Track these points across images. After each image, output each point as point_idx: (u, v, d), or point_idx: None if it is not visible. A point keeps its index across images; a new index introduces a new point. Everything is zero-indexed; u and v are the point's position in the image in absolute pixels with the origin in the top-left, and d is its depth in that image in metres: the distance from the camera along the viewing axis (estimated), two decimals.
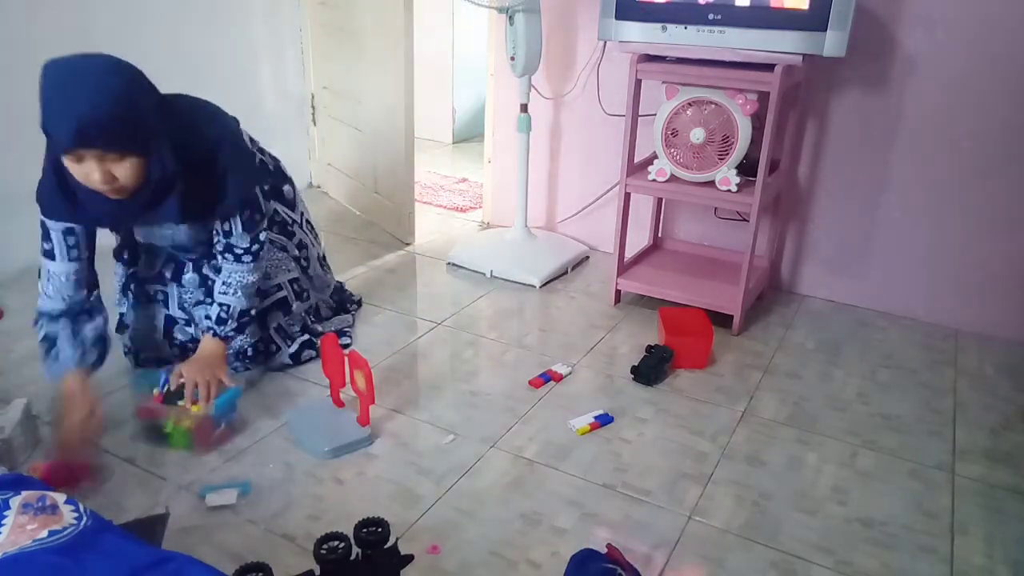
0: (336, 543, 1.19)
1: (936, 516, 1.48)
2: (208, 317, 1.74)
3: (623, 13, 2.07)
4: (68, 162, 1.39)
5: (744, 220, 2.25)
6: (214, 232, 1.70)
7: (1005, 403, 1.89)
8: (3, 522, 1.01)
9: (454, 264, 2.60)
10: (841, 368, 2.03)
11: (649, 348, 1.98)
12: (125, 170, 1.40)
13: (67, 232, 1.58)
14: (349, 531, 1.21)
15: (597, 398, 1.84)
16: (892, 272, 2.34)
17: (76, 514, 1.07)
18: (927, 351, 2.15)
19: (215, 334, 1.72)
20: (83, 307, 1.63)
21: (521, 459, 1.60)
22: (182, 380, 1.61)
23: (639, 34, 2.07)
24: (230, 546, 1.32)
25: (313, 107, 3.25)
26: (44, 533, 1.00)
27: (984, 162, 2.12)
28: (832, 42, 1.86)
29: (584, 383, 1.91)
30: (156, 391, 1.61)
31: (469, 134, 4.52)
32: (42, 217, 1.57)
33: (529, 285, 2.47)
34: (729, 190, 2.08)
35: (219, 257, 1.72)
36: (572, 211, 2.79)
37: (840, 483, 1.56)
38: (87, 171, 1.38)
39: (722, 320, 2.20)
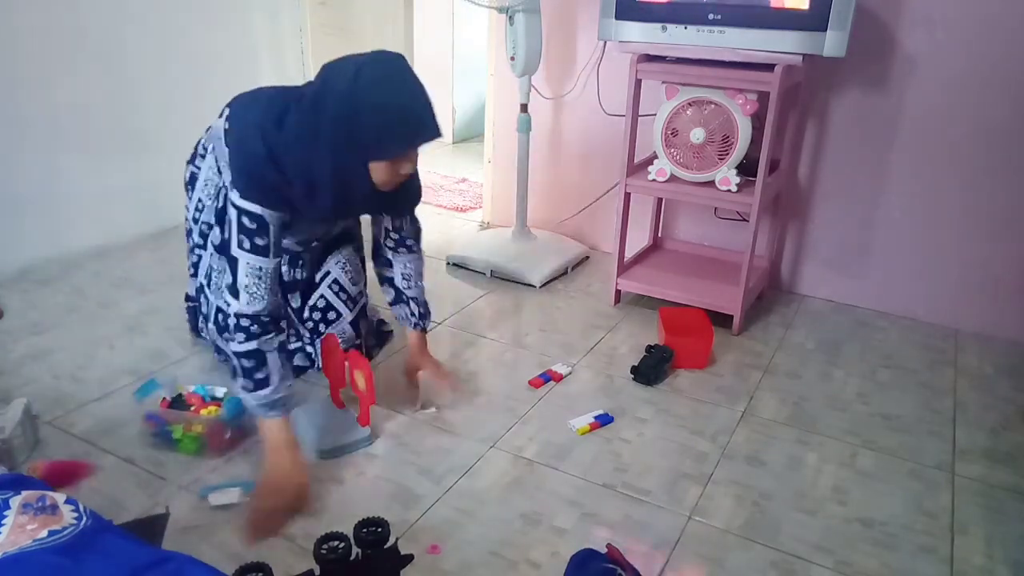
0: (336, 543, 1.19)
1: (936, 516, 1.48)
2: (412, 314, 1.78)
3: (623, 13, 2.07)
4: (387, 163, 1.38)
5: (744, 220, 2.25)
6: (383, 229, 1.72)
7: (1005, 403, 1.89)
8: (3, 522, 1.01)
9: (454, 264, 2.60)
10: (841, 368, 2.03)
11: (649, 348, 1.98)
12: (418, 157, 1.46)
13: (280, 227, 1.47)
14: (349, 531, 1.21)
15: (597, 398, 1.84)
16: (892, 272, 2.34)
17: (76, 514, 1.06)
18: (927, 351, 2.15)
19: (423, 329, 1.79)
20: (280, 327, 1.50)
21: (521, 459, 1.60)
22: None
23: (639, 34, 2.07)
24: (230, 546, 1.32)
25: None
26: (44, 533, 1.00)
27: (984, 162, 2.12)
28: (832, 42, 1.86)
29: (584, 383, 1.91)
30: (163, 397, 1.60)
31: (469, 134, 4.52)
32: (260, 210, 1.42)
33: (529, 285, 2.47)
34: (729, 190, 2.08)
35: (389, 253, 1.75)
36: (572, 211, 2.79)
37: (840, 483, 1.56)
38: (400, 167, 1.40)
39: (722, 320, 2.20)
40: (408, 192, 1.63)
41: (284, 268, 1.80)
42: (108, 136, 2.53)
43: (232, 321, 1.43)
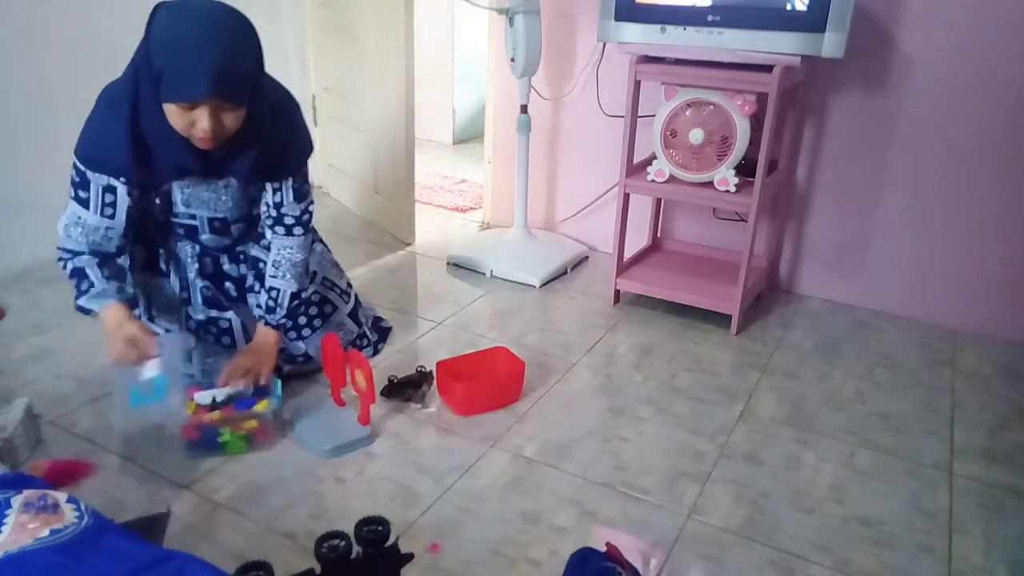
0: (337, 541, 1.19)
1: (934, 515, 1.48)
2: (259, 306, 1.73)
3: (622, 14, 2.08)
4: (175, 109, 1.36)
5: (743, 220, 2.25)
6: (264, 204, 1.67)
7: (1003, 403, 1.90)
8: (5, 521, 1.02)
9: (454, 264, 2.60)
10: (839, 368, 2.04)
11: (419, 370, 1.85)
12: (231, 121, 1.41)
13: (106, 189, 1.53)
14: (350, 530, 1.22)
15: (597, 397, 1.85)
16: (890, 272, 2.34)
17: (77, 513, 1.07)
18: (925, 351, 2.15)
19: (267, 323, 1.71)
20: (109, 255, 1.60)
21: (521, 458, 1.60)
22: (232, 378, 1.62)
23: (638, 35, 2.08)
24: (231, 545, 1.33)
25: (314, 108, 3.25)
26: (45, 532, 1.00)
27: (982, 163, 2.13)
28: (831, 43, 1.87)
29: (584, 382, 1.91)
30: (191, 407, 1.57)
31: (469, 134, 4.52)
32: (82, 168, 1.52)
33: (529, 285, 2.47)
34: (728, 190, 2.08)
35: (268, 232, 1.70)
36: (572, 211, 2.80)
37: (838, 482, 1.57)
38: (194, 119, 1.37)
39: (721, 320, 2.21)
40: (269, 157, 1.56)
41: (228, 266, 1.76)
42: None
43: (57, 252, 1.59)
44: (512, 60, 2.42)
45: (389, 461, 1.57)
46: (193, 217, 1.66)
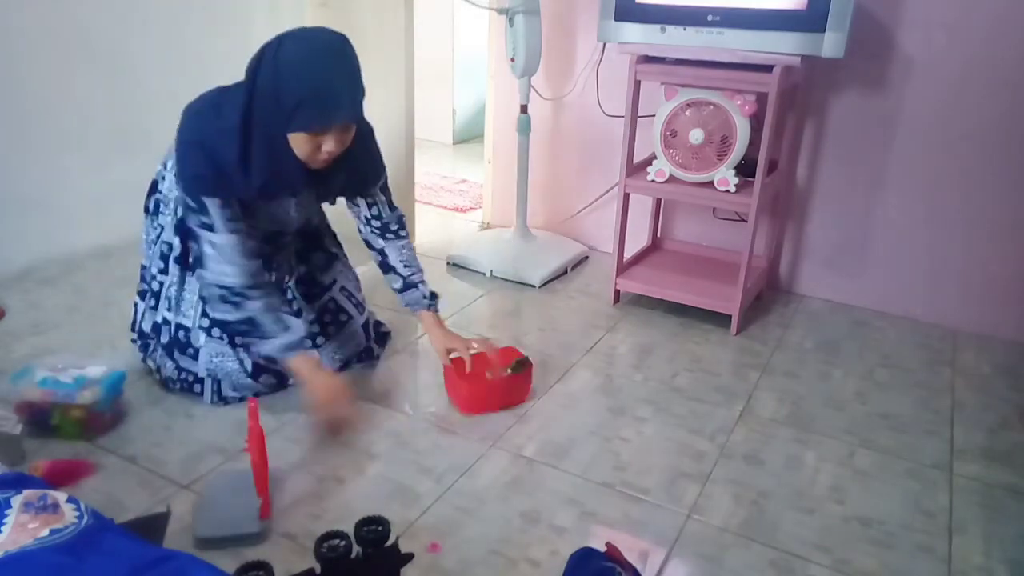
0: (337, 541, 1.19)
1: (934, 515, 1.48)
2: (424, 297, 1.80)
3: (622, 15, 2.08)
4: (304, 136, 1.41)
5: (743, 220, 2.25)
6: (363, 220, 1.76)
7: (1003, 403, 1.90)
8: (5, 521, 1.02)
9: (454, 264, 2.60)
10: (839, 368, 2.04)
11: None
12: (349, 137, 1.48)
13: (223, 206, 1.52)
14: (350, 529, 1.22)
15: (597, 397, 1.85)
16: (890, 272, 2.34)
17: (77, 513, 1.07)
18: (925, 351, 2.15)
19: (436, 309, 1.82)
20: (265, 278, 1.60)
21: (521, 458, 1.60)
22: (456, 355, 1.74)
23: (638, 35, 2.08)
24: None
25: None
26: (45, 532, 1.00)
27: (982, 163, 2.13)
28: (830, 43, 1.87)
29: (584, 382, 1.91)
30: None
31: (469, 134, 4.52)
32: (198, 195, 1.49)
33: (529, 285, 2.47)
34: (728, 190, 2.09)
35: (379, 241, 1.78)
36: (572, 211, 2.80)
37: (838, 482, 1.57)
38: (321, 142, 1.43)
39: (721, 320, 2.21)
40: (358, 173, 1.66)
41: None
42: (109, 135, 2.54)
43: (213, 292, 1.54)
44: (512, 60, 2.42)
45: (389, 461, 1.57)
46: (254, 227, 1.65)
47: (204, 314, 1.67)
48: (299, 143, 1.44)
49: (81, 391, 1.57)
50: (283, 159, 1.46)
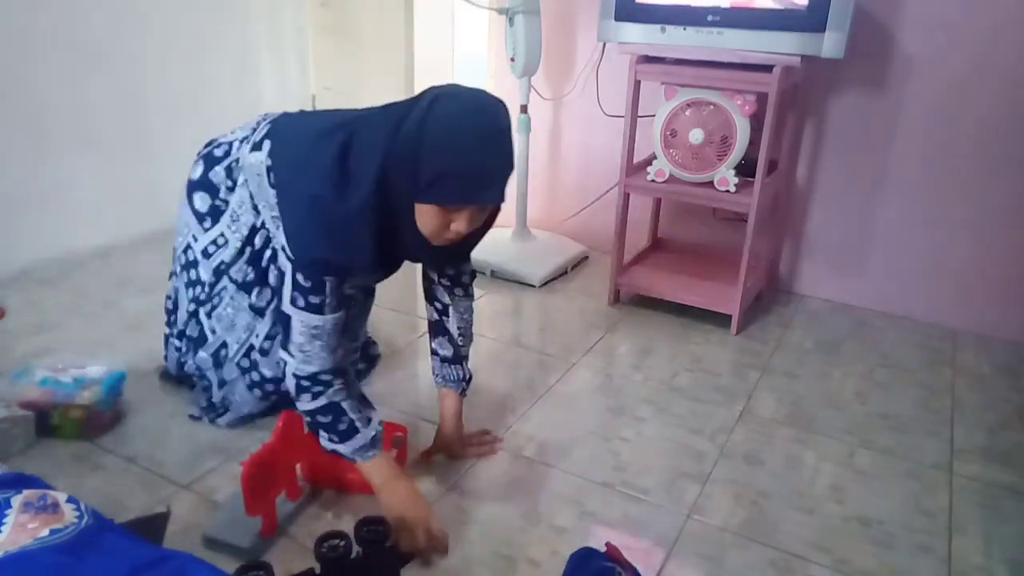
0: (337, 541, 1.19)
1: (934, 515, 1.48)
2: (463, 378, 1.57)
3: (622, 14, 2.08)
4: (437, 210, 1.20)
5: (742, 220, 2.25)
6: (440, 275, 1.53)
7: (1003, 403, 1.90)
8: (4, 521, 1.02)
9: None
10: (839, 368, 2.04)
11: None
12: (481, 222, 1.28)
13: (339, 284, 1.32)
14: (350, 529, 1.22)
15: (596, 397, 1.85)
16: (890, 272, 2.34)
17: (77, 513, 1.07)
18: (925, 351, 2.15)
19: (463, 392, 1.58)
20: (349, 377, 1.39)
21: (521, 458, 1.60)
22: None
23: (638, 35, 2.08)
24: None
25: (315, 108, 3.25)
26: (45, 532, 1.00)
27: (982, 163, 2.13)
28: (830, 43, 1.87)
29: (584, 382, 1.91)
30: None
31: None
32: (320, 274, 1.28)
33: (529, 285, 2.47)
34: (728, 190, 2.09)
35: (445, 295, 1.53)
36: (572, 211, 2.80)
37: (838, 482, 1.57)
38: (451, 220, 1.22)
39: (721, 320, 2.21)
40: (467, 246, 1.47)
41: None
42: (109, 135, 2.54)
43: (292, 381, 1.33)
44: (512, 60, 2.42)
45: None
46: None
47: (246, 354, 1.58)
48: (427, 216, 1.22)
49: (81, 391, 1.58)
50: (410, 231, 1.25)
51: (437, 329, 1.57)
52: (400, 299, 2.35)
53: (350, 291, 1.50)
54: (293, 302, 1.29)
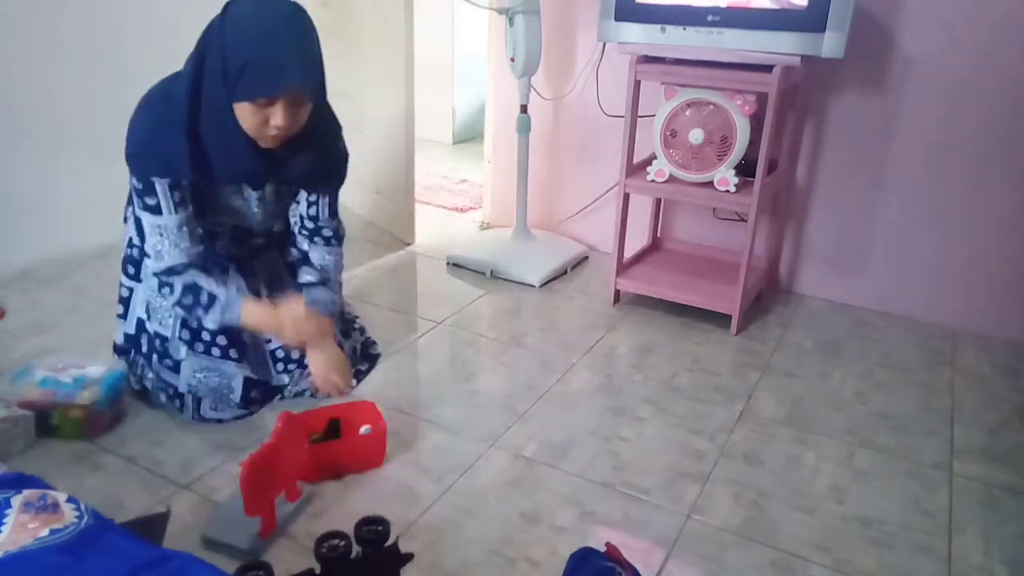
0: (337, 541, 1.19)
1: (934, 515, 1.48)
2: (329, 301, 1.62)
3: (622, 14, 2.08)
4: (249, 107, 1.34)
5: (742, 220, 2.26)
6: (297, 216, 1.64)
7: (1003, 402, 1.90)
8: (4, 521, 1.02)
9: (454, 264, 2.60)
10: (839, 368, 2.04)
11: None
12: (303, 115, 1.40)
13: (172, 186, 1.45)
14: (350, 530, 1.22)
15: (596, 397, 1.85)
16: (890, 272, 2.34)
17: (77, 513, 1.07)
18: (925, 351, 2.15)
19: (333, 316, 1.62)
20: (207, 262, 1.52)
21: (521, 458, 1.60)
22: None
23: (638, 35, 2.08)
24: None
25: None
26: (45, 532, 1.01)
27: (982, 163, 2.13)
28: (830, 43, 1.87)
29: (584, 382, 1.91)
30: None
31: (469, 134, 4.52)
32: (145, 173, 1.45)
33: (529, 285, 2.47)
34: (728, 190, 2.09)
35: (305, 243, 1.66)
36: (572, 211, 2.80)
37: (838, 482, 1.57)
38: (268, 115, 1.35)
39: (721, 320, 2.21)
40: (320, 167, 1.55)
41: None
42: (109, 135, 2.51)
43: (155, 283, 1.52)
44: (512, 60, 2.42)
45: (389, 461, 1.57)
46: (219, 224, 1.60)
47: (184, 324, 1.59)
48: (245, 115, 1.35)
49: (81, 391, 1.58)
50: (232, 134, 1.38)
51: (298, 264, 1.68)
52: (400, 299, 2.35)
53: (218, 223, 1.59)
54: (137, 206, 1.48)
